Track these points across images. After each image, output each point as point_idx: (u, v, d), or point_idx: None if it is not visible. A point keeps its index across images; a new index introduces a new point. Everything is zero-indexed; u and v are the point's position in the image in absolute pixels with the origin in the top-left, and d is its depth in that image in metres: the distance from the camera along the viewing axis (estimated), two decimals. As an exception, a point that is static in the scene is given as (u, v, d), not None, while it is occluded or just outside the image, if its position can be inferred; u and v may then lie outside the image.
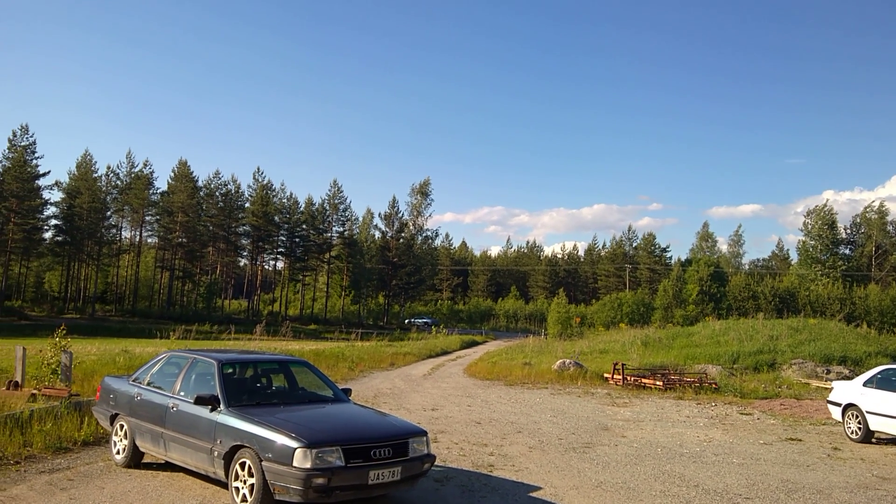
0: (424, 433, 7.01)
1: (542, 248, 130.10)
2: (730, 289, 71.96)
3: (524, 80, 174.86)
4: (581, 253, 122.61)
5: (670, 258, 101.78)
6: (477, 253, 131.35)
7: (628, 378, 20.18)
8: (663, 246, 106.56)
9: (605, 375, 21.16)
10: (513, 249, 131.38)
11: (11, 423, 8.52)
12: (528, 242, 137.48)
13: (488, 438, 11.00)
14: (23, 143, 70.05)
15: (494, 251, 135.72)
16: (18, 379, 11.43)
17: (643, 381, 19.89)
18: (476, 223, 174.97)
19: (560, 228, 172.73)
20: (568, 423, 13.08)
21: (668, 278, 75.11)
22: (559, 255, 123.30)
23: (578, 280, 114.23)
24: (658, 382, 19.50)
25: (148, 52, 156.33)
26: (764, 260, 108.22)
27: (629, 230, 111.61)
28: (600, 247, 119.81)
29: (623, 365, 21.08)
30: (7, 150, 70.32)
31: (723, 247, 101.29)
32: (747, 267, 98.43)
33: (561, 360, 23.56)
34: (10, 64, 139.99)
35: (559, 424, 12.82)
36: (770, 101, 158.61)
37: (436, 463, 7.70)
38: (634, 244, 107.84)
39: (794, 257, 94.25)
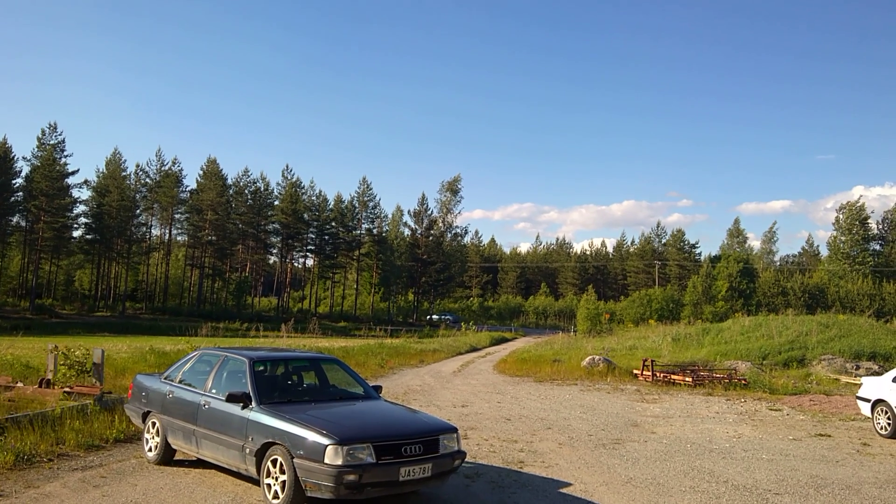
0: (455, 430, 6.97)
1: (572, 245, 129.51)
2: (759, 285, 70.86)
3: (554, 77, 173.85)
4: (610, 249, 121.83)
5: (699, 254, 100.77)
6: (506, 250, 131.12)
7: (658, 374, 19.94)
8: (692, 242, 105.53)
9: (635, 372, 20.95)
10: (542, 246, 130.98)
11: (44, 422, 8.63)
12: (557, 239, 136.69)
13: (518, 435, 10.92)
14: (51, 142, 71.25)
15: (524, 248, 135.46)
16: (50, 377, 11.59)
17: (673, 377, 19.64)
18: (505, 220, 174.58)
19: (589, 225, 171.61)
20: (598, 419, 12.95)
21: (698, 274, 74.19)
22: (588, 252, 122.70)
23: (608, 276, 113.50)
24: (687, 379, 19.25)
25: (175, 53, 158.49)
26: (794, 256, 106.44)
27: (658, 226, 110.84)
28: (629, 243, 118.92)
29: (652, 361, 20.86)
30: (36, 149, 71.59)
31: (753, 243, 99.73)
32: (778, 263, 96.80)
33: (590, 357, 23.36)
34: (40, 65, 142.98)
35: (589, 421, 12.69)
36: (800, 99, 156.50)
37: (466, 459, 7.64)
38: (664, 240, 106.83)
39: (824, 253, 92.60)
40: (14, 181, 68.83)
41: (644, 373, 20.32)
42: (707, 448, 10.38)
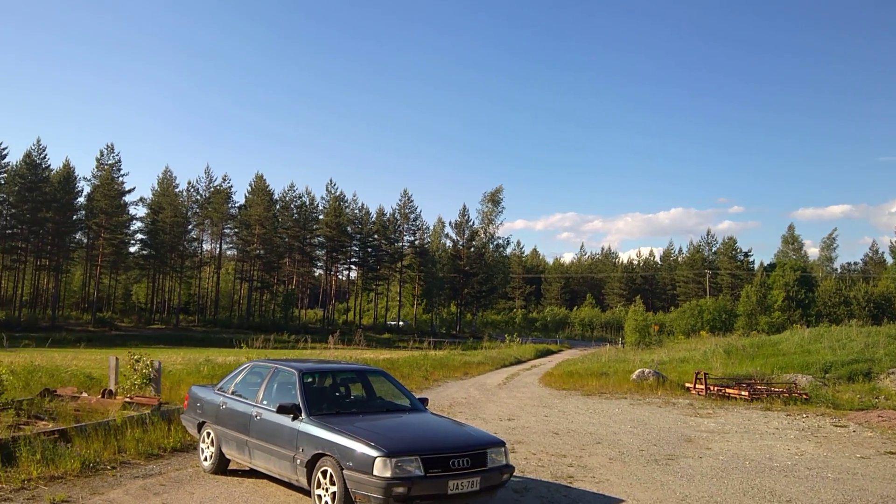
0: (503, 443, 6.94)
1: (618, 255, 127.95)
2: (819, 294, 68.67)
3: (597, 85, 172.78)
4: (658, 258, 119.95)
5: (753, 263, 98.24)
6: (549, 260, 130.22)
7: (711, 388, 19.48)
8: (745, 250, 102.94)
9: (687, 385, 20.51)
10: (587, 256, 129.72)
11: (107, 431, 8.92)
12: (602, 249, 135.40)
13: (567, 449, 10.80)
14: (109, 162, 73.88)
15: (568, 258, 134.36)
16: (112, 388, 11.96)
17: (727, 391, 19.15)
18: (548, 230, 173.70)
19: (635, 234, 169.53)
20: (649, 434, 12.71)
21: (751, 284, 72.39)
22: (635, 262, 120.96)
23: (656, 287, 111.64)
24: (743, 393, 18.74)
25: (226, 72, 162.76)
26: (856, 264, 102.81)
27: (708, 234, 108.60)
28: (678, 252, 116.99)
29: (706, 374, 20.36)
30: (95, 169, 74.28)
31: (810, 250, 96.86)
32: (839, 271, 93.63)
33: (640, 370, 22.98)
34: (98, 87, 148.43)
35: (640, 435, 12.47)
36: (858, 100, 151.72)
37: (514, 473, 7.60)
38: (714, 249, 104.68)
39: (889, 260, 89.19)
40: (76, 200, 71.56)
41: (697, 386, 19.88)
42: (767, 465, 10.06)
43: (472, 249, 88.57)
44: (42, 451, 7.75)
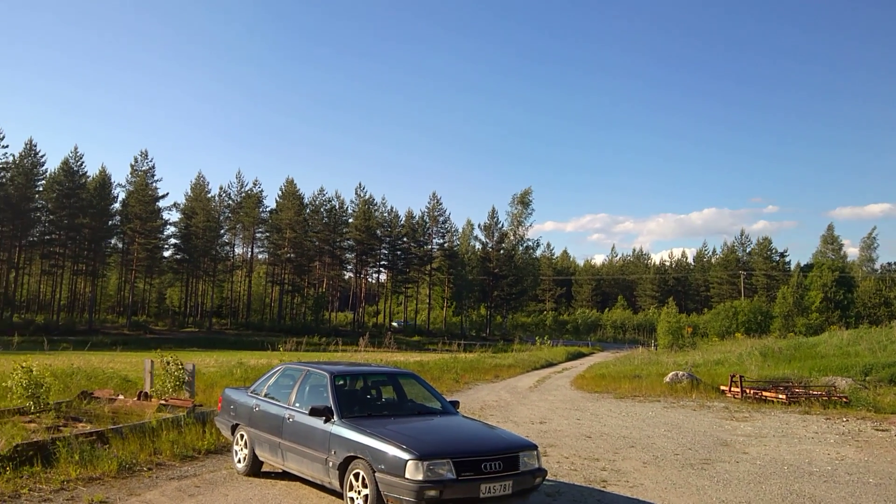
0: (535, 447, 6.89)
1: (650, 256, 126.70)
2: (858, 295, 67.10)
3: (627, 87, 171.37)
4: (691, 260, 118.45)
5: (789, 263, 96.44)
6: (580, 262, 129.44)
7: (747, 391, 19.10)
8: (781, 250, 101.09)
9: (722, 388, 20.15)
10: (618, 258, 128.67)
11: (143, 432, 9.05)
12: (634, 250, 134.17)
13: (600, 453, 10.67)
14: (143, 168, 75.32)
15: (598, 260, 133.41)
16: (147, 390, 12.14)
17: (764, 394, 18.76)
18: (578, 231, 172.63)
19: (667, 235, 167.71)
20: (683, 437, 12.51)
21: (788, 285, 71.02)
22: (667, 263, 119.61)
23: (689, 288, 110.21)
24: (781, 396, 18.34)
25: (256, 77, 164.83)
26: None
27: (742, 235, 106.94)
28: (711, 253, 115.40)
29: (741, 377, 19.99)
30: (130, 175, 75.79)
31: (850, 250, 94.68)
32: (879, 271, 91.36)
33: (673, 373, 22.65)
34: (130, 95, 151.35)
35: (674, 439, 12.28)
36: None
37: (547, 477, 7.53)
38: (748, 249, 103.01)
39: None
40: (112, 206, 73.11)
41: (732, 389, 19.52)
42: (806, 471, 9.82)
43: (502, 252, 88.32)
44: (80, 452, 7.90)
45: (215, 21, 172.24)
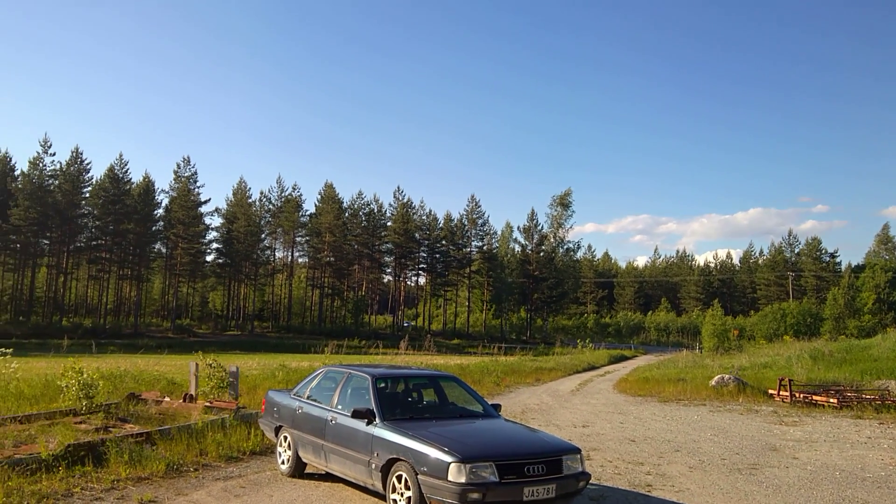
0: (578, 450, 6.81)
1: (693, 257, 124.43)
2: (914, 296, 64.93)
3: (670, 82, 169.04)
4: (736, 261, 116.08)
5: (840, 264, 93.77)
6: (622, 264, 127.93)
7: (796, 395, 18.59)
8: (831, 251, 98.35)
9: (770, 392, 19.65)
10: (661, 259, 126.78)
11: (189, 434, 9.21)
12: (677, 251, 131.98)
13: (644, 457, 10.50)
14: (186, 174, 76.96)
15: (641, 261, 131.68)
16: (193, 392, 12.35)
17: (814, 398, 18.24)
18: (620, 233, 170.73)
19: (712, 235, 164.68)
20: (730, 442, 12.23)
21: (839, 286, 68.97)
22: (712, 264, 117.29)
23: (734, 290, 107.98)
24: (832, 400, 17.80)
25: (296, 82, 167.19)
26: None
27: (790, 235, 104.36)
28: (758, 254, 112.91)
29: (790, 381, 19.46)
30: (173, 181, 77.54)
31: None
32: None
33: (719, 376, 22.19)
34: (173, 101, 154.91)
35: (721, 444, 12.01)
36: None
37: (590, 481, 7.42)
38: (797, 250, 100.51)
39: None
40: (155, 212, 74.91)
41: (781, 393, 19.02)
42: (859, 476, 9.50)
43: (542, 254, 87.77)
44: (129, 452, 8.07)
45: (255, 27, 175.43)
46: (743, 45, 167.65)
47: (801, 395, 18.51)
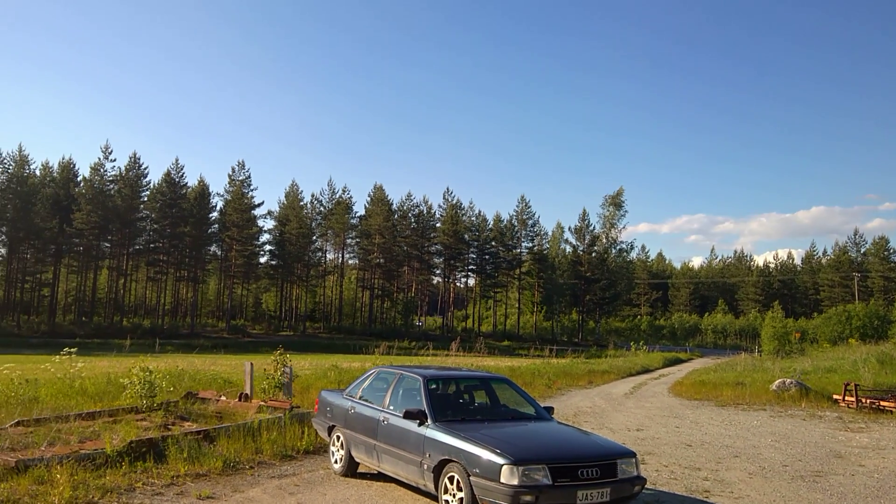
0: (633, 454, 6.70)
1: (752, 258, 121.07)
2: None
3: (727, 77, 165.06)
4: (798, 261, 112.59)
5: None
6: (677, 265, 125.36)
7: (863, 400, 17.87)
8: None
9: (835, 397, 18.94)
10: (718, 260, 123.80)
11: (245, 432, 9.38)
12: (735, 252, 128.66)
13: (701, 462, 10.24)
14: (240, 178, 78.76)
15: (696, 262, 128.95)
16: (248, 392, 12.57)
17: (882, 403, 17.49)
18: (674, 233, 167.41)
19: (772, 235, 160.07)
20: (792, 448, 11.82)
21: (907, 287, 66.03)
22: (772, 265, 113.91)
23: (796, 291, 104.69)
24: (901, 405, 17.06)
25: (348, 82, 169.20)
26: None
27: (855, 234, 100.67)
28: (821, 254, 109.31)
29: (856, 385, 18.72)
30: (228, 185, 79.44)
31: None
32: None
33: (780, 380, 21.50)
34: (227, 107, 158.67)
35: (782, 450, 11.63)
36: None
37: (646, 486, 7.26)
38: (863, 249, 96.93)
39: None
40: (210, 215, 76.92)
41: (846, 398, 18.31)
42: (930, 485, 9.08)
43: (594, 255, 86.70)
44: (188, 449, 8.26)
45: (306, 32, 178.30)
46: (804, 41, 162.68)
47: (868, 401, 17.80)
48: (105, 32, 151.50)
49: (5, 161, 70.69)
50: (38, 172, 73.49)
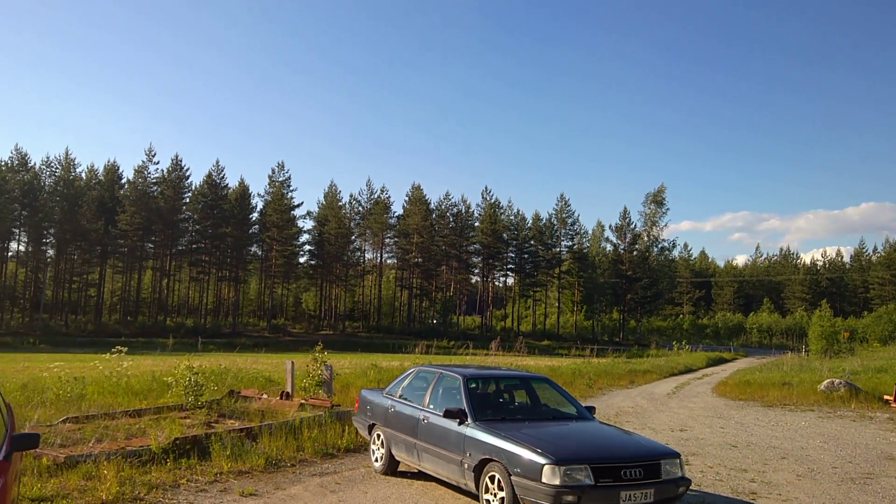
0: (678, 455, 6.61)
1: (799, 255, 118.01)
2: None
3: (771, 71, 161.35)
4: (847, 259, 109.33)
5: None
6: (720, 263, 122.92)
7: (916, 401, 17.29)
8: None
9: (886, 398, 18.35)
10: (763, 258, 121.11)
11: (287, 430, 9.49)
12: (781, 249, 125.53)
13: (747, 463, 10.01)
14: (280, 179, 79.81)
15: (740, 260, 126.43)
16: (289, 390, 12.73)
17: (936, 404, 16.91)
18: (718, 231, 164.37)
19: (819, 233, 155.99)
20: (842, 450, 11.49)
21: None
22: (819, 263, 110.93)
23: (845, 290, 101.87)
24: (957, 407, 16.45)
25: (380, 88, 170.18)
26: None
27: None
28: (871, 251, 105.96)
29: (908, 386, 18.13)
30: (268, 186, 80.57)
31: None
32: None
33: (828, 380, 20.91)
34: (266, 109, 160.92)
35: (831, 451, 11.32)
36: None
37: (690, 487, 7.12)
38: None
39: None
40: (251, 215, 78.15)
41: (897, 399, 17.75)
42: None
43: (635, 253, 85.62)
44: (231, 447, 8.38)
45: (341, 33, 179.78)
46: (855, 36, 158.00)
47: (922, 402, 17.21)
48: (151, 33, 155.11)
49: (52, 165, 73.06)
50: (83, 175, 75.69)
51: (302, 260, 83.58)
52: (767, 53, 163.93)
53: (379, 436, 8.50)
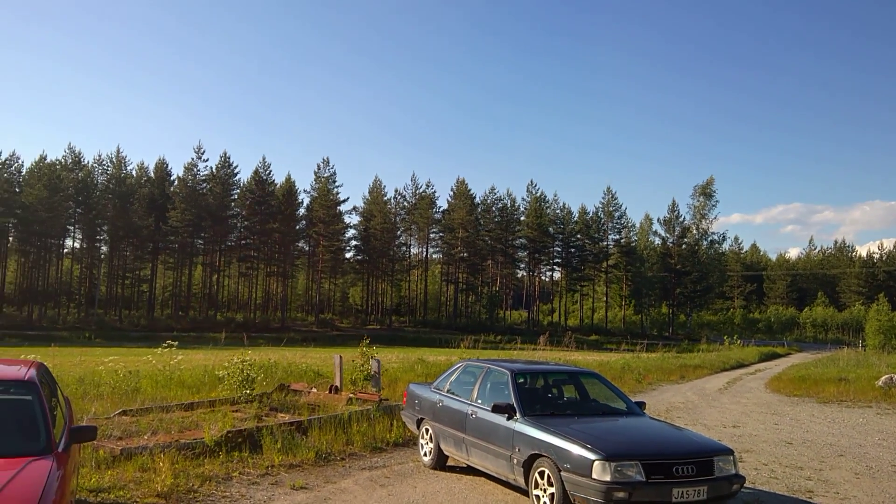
0: (731, 451, 6.50)
1: (854, 248, 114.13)
2: None
3: (820, 60, 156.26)
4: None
5: None
6: (772, 256, 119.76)
7: (983, 398, 16.59)
8: None
9: (949, 394, 17.67)
10: (817, 250, 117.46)
11: (336, 424, 9.61)
12: (835, 242, 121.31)
13: (803, 461, 9.76)
14: (325, 175, 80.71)
15: (793, 253, 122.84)
16: (338, 384, 12.87)
17: None
18: (769, 223, 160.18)
19: (876, 224, 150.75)
20: (904, 448, 11.10)
21: None
22: (876, 255, 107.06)
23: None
24: None
25: (428, 81, 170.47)
26: None
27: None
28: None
29: (975, 382, 17.40)
30: (314, 182, 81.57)
31: None
32: None
33: (887, 376, 20.24)
34: (312, 106, 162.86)
35: (891, 449, 10.97)
36: None
37: (744, 485, 6.98)
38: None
39: None
40: (298, 211, 79.31)
41: (962, 395, 17.07)
42: None
43: (684, 247, 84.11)
44: (282, 440, 8.52)
45: (386, 28, 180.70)
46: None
47: None
48: (196, 36, 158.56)
49: (104, 163, 75.41)
50: (134, 173, 77.96)
51: (348, 255, 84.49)
52: (824, 29, 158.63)
53: (427, 430, 8.54)
